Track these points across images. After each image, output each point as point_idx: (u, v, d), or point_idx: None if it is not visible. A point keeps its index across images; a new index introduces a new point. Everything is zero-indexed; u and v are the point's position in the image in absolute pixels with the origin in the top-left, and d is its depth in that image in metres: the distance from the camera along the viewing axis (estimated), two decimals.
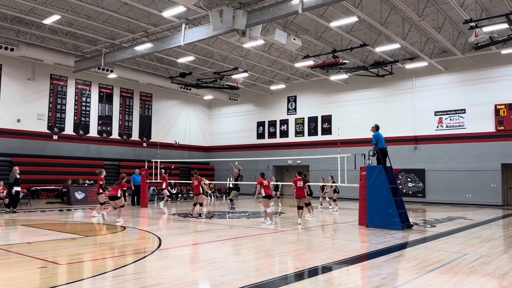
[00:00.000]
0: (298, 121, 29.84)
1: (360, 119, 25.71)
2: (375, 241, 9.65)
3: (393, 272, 6.56)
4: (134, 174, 20.16)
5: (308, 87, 28.84)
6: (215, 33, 16.27)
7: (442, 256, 7.78)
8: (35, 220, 13.33)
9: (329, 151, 24.24)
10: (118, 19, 18.55)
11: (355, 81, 26.23)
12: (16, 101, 23.67)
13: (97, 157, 26.81)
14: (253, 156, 28.17)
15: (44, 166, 23.78)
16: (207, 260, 7.48)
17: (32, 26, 19.59)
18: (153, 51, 19.80)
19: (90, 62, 22.58)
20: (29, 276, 6.11)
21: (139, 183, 19.54)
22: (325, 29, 19.19)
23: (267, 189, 12.62)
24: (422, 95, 24.36)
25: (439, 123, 23.76)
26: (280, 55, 23.36)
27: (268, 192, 12.60)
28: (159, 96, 31.18)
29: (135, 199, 19.55)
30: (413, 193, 24.20)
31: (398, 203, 11.92)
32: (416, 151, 24.45)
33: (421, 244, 9.40)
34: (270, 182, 13.32)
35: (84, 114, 26.76)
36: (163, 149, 27.99)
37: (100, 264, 7.09)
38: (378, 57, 22.52)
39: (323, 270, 6.75)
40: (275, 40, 16.96)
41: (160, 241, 9.25)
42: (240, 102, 32.88)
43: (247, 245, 9.20)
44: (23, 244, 8.73)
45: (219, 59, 24.16)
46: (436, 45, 21.77)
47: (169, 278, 5.94)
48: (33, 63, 24.03)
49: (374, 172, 12.10)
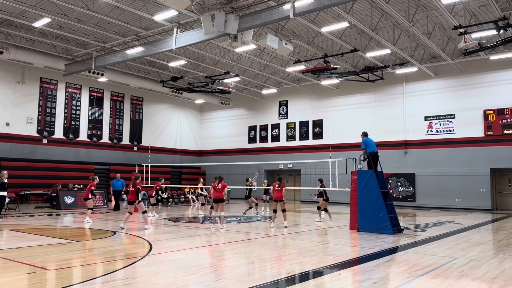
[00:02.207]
0: (290, 125, 29.91)
1: (351, 124, 25.83)
2: (366, 245, 9.67)
3: (384, 277, 6.57)
4: (115, 179, 19.73)
5: (299, 91, 28.94)
6: (207, 37, 16.26)
7: (432, 260, 7.82)
8: (24, 224, 13.16)
9: (321, 155, 24.33)
10: (109, 22, 18.47)
11: (346, 86, 26.38)
12: (5, 104, 23.41)
13: (87, 161, 26.58)
14: (244, 160, 28.14)
15: (33, 170, 23.50)
16: (198, 265, 7.43)
17: (22, 29, 19.43)
18: (144, 54, 19.74)
19: (80, 66, 22.44)
20: (17, 282, 6.01)
21: (119, 188, 19.21)
22: (316, 34, 19.30)
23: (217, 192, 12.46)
24: (412, 100, 24.57)
25: (429, 128, 23.96)
26: (272, 59, 23.42)
27: (216, 196, 12.46)
28: (150, 100, 31.05)
29: (117, 203, 19.07)
30: (404, 197, 24.33)
31: (388, 207, 11.97)
32: (406, 155, 24.62)
33: (412, 248, 9.44)
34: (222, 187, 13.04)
35: (74, 118, 26.54)
36: (153, 153, 27.87)
37: (89, 269, 7.01)
38: (368, 62, 22.70)
39: (315, 275, 6.74)
40: (267, 45, 17.00)
41: (150, 246, 9.17)
42: (231, 106, 32.88)
43: (238, 250, 9.17)
44: (11, 249, 8.60)
45: (211, 63, 24.15)
46: (426, 50, 22.00)
47: (159, 284, 5.89)
48: (22, 66, 23.80)
49: (365, 176, 12.15)
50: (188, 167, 32.21)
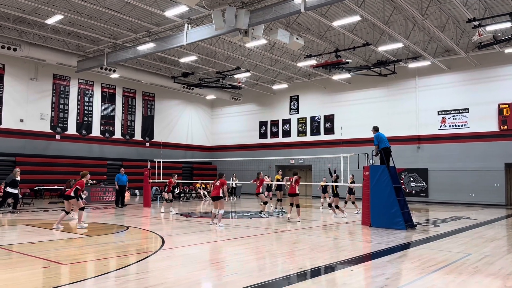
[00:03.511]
0: (301, 120, 29.81)
1: (363, 119, 25.65)
2: (378, 241, 9.61)
3: (397, 272, 6.53)
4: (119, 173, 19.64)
5: (310, 86, 28.80)
6: (218, 32, 16.26)
7: (446, 256, 7.74)
8: (38, 219, 13.35)
9: (332, 150, 24.20)
10: (120, 18, 18.57)
11: (358, 80, 26.17)
12: (19, 101, 23.73)
13: (99, 157, 26.85)
14: (255, 155, 28.18)
15: (47, 166, 23.84)
16: (210, 260, 7.46)
17: (35, 26, 19.63)
18: (156, 50, 19.81)
19: (92, 62, 22.62)
20: (32, 276, 6.10)
21: (124, 183, 19.05)
22: (327, 28, 19.16)
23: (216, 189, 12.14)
24: (425, 94, 24.29)
25: (442, 123, 23.68)
26: (283, 54, 23.33)
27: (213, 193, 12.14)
28: (162, 96, 31.20)
29: (119, 199, 19.05)
30: (416, 192, 24.13)
31: (401, 202, 11.88)
32: (419, 150, 24.38)
33: (425, 244, 9.35)
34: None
35: (87, 114, 26.80)
36: (165, 149, 28.02)
37: (103, 264, 7.08)
38: (381, 56, 22.47)
39: (326, 270, 6.72)
40: (278, 40, 16.93)
41: (163, 241, 9.24)
42: (242, 102, 32.87)
43: (250, 245, 9.18)
44: (26, 243, 8.73)
45: (222, 59, 24.15)
46: (439, 44, 21.70)
47: (172, 278, 5.92)
48: (35, 63, 24.08)
49: (377, 171, 12.06)
50: (199, 163, 32.36)
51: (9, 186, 15.36)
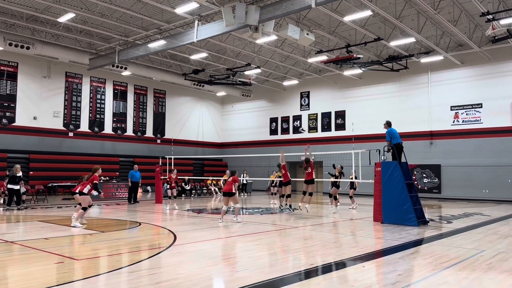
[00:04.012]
0: (311, 117, 29.71)
1: (374, 114, 25.47)
2: (390, 237, 9.55)
3: (409, 269, 6.48)
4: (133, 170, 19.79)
5: (321, 82, 28.67)
6: (228, 29, 16.25)
7: (459, 253, 7.67)
8: (52, 216, 13.53)
9: (343, 147, 24.08)
10: (131, 16, 18.66)
11: (369, 76, 25.98)
12: (32, 98, 24.04)
13: (112, 154, 27.10)
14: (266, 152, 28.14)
15: (60, 162, 24.13)
16: (221, 255, 7.49)
17: (47, 24, 19.83)
18: (166, 48, 19.88)
19: (104, 60, 22.79)
20: (46, 271, 6.19)
21: (137, 179, 19.18)
22: (338, 23, 19.02)
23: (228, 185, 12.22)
24: (438, 89, 24.02)
25: (455, 118, 23.41)
26: (293, 50, 23.24)
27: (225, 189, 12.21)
28: (173, 93, 31.34)
29: (131, 195, 19.19)
30: (429, 189, 23.91)
31: (413, 199, 11.78)
32: (431, 146, 24.14)
33: (437, 240, 9.27)
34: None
35: (99, 111, 27.04)
36: (176, 146, 28.17)
37: (116, 259, 7.15)
38: (392, 51, 22.24)
39: (338, 267, 6.70)
40: (288, 36, 16.87)
41: (175, 237, 9.30)
42: (253, 98, 32.86)
43: (261, 241, 9.20)
44: (41, 239, 8.86)
45: (232, 55, 24.15)
46: (452, 38, 21.42)
47: (184, 274, 5.96)
48: (48, 61, 24.35)
49: (389, 167, 11.97)
50: (210, 159, 32.47)
51: (10, 182, 15.53)
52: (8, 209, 15.29)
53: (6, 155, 22.12)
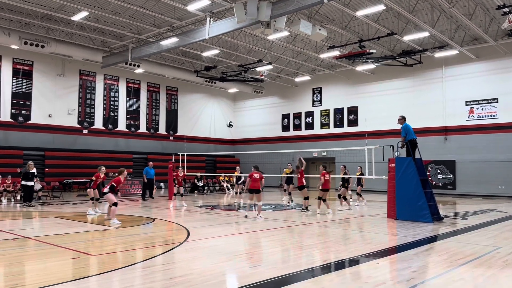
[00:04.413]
0: (324, 113, 29.56)
1: (388, 110, 25.23)
2: (404, 234, 9.48)
3: (424, 265, 6.43)
4: (147, 166, 19.97)
5: (333, 78, 28.49)
6: (240, 25, 16.22)
7: (474, 249, 7.58)
8: (67, 212, 13.74)
9: (356, 143, 23.94)
10: (144, 14, 18.76)
11: (383, 71, 25.73)
12: (47, 96, 24.36)
13: (125, 151, 27.36)
14: (278, 148, 28.12)
15: (75, 159, 24.44)
16: (234, 251, 7.52)
17: (61, 23, 20.05)
18: (179, 45, 19.95)
19: (117, 58, 22.97)
20: (63, 266, 6.29)
21: (152, 176, 19.43)
22: (351, 18, 18.86)
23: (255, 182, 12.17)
24: (453, 84, 23.68)
25: (470, 113, 23.06)
26: (305, 46, 23.12)
27: (253, 186, 12.17)
28: (185, 90, 31.47)
29: (145, 192, 19.35)
30: (443, 185, 23.64)
31: (428, 195, 11.67)
32: (446, 142, 23.85)
33: (452, 237, 9.17)
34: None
35: (113, 109, 27.30)
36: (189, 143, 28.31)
37: (130, 255, 7.23)
38: (406, 46, 21.97)
39: (351, 263, 6.68)
40: (300, 31, 16.77)
41: (188, 233, 9.36)
42: (264, 95, 32.82)
43: (274, 237, 9.21)
44: (57, 235, 9.00)
45: (244, 52, 24.13)
46: (467, 32, 21.08)
47: (197, 269, 6.00)
48: (62, 59, 24.64)
49: (403, 164, 11.87)
50: (223, 156, 32.55)
51: (23, 179, 15.79)
52: (25, 205, 15.57)
53: (22, 153, 22.48)
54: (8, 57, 22.81)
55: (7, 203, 16.85)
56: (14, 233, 9.21)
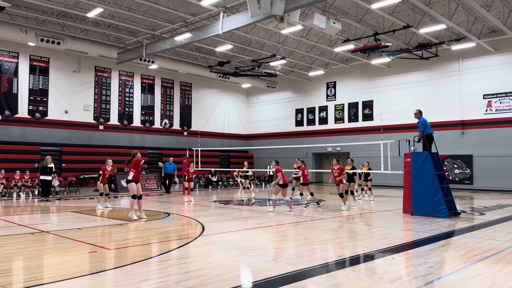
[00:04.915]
0: (338, 107, 29.35)
1: (403, 104, 24.94)
2: (421, 229, 9.38)
3: (440, 261, 6.35)
4: (167, 162, 20.28)
5: (348, 72, 28.24)
6: (253, 20, 16.16)
7: (492, 245, 7.45)
8: (84, 206, 13.94)
9: (371, 137, 23.71)
10: (158, 10, 18.83)
11: (398, 64, 25.41)
12: (64, 93, 24.69)
13: (141, 146, 27.56)
14: (291, 143, 28.05)
15: (91, 155, 24.74)
16: (249, 246, 7.54)
17: (77, 19, 20.26)
18: (192, 40, 19.99)
19: (132, 54, 23.14)
20: (80, 260, 6.39)
21: (170, 171, 19.80)
22: (366, 11, 18.63)
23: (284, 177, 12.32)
24: (470, 77, 23.27)
25: (488, 107, 22.65)
26: (319, 40, 22.95)
27: (285, 181, 12.26)
28: (199, 86, 31.56)
29: (166, 186, 19.66)
30: (460, 180, 23.31)
31: (444, 190, 11.51)
32: (463, 136, 23.48)
33: (469, 232, 9.04)
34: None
35: (128, 105, 27.54)
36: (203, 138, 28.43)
37: (146, 249, 7.30)
38: (422, 38, 21.64)
39: (367, 259, 6.63)
40: (314, 25, 16.64)
41: (203, 228, 9.41)
42: (278, 90, 32.72)
43: (288, 232, 9.20)
44: (74, 229, 9.14)
45: (257, 47, 24.06)
46: (484, 24, 20.66)
47: (212, 264, 6.03)
48: (78, 56, 24.92)
49: (419, 158, 11.72)
50: (236, 151, 32.61)
51: (42, 173, 16.03)
52: (43, 200, 15.84)
53: (40, 148, 22.86)
54: (25, 54, 23.16)
55: (26, 198, 17.18)
56: (32, 227, 9.39)
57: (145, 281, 5.21)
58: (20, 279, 5.40)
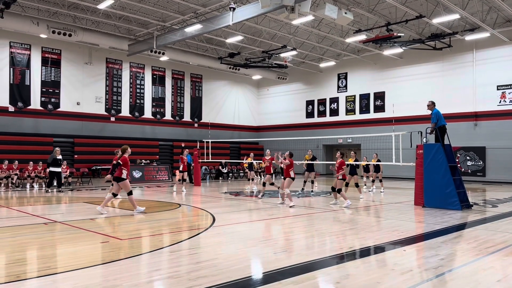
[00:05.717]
0: (349, 98, 29.14)
1: (415, 95, 24.68)
2: (432, 221, 9.31)
3: (452, 253, 6.30)
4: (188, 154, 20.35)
5: (359, 63, 27.98)
6: (264, 10, 16.05)
7: (505, 238, 7.38)
8: (97, 197, 14.10)
9: (382, 129, 23.54)
10: (168, 1, 18.82)
11: (411, 55, 25.09)
12: (75, 85, 24.88)
13: (152, 138, 27.78)
14: (302, 135, 27.97)
15: (103, 146, 24.96)
16: (259, 237, 7.56)
17: (88, 11, 20.33)
18: (203, 32, 19.95)
19: (143, 45, 23.19)
20: (93, 250, 6.47)
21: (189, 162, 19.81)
22: (378, 1, 18.39)
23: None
24: (484, 68, 22.89)
25: (502, 98, 22.29)
26: (330, 30, 22.74)
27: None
28: (209, 77, 31.56)
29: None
30: (473, 172, 23.06)
31: (457, 182, 11.40)
32: (476, 127, 23.17)
33: (482, 224, 8.96)
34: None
35: (139, 96, 27.67)
36: (213, 129, 28.48)
37: (158, 239, 7.37)
38: (435, 29, 21.32)
39: (377, 250, 6.61)
40: (325, 15, 16.48)
41: (213, 219, 9.47)
42: (288, 81, 32.57)
43: (298, 223, 9.21)
44: (87, 220, 9.26)
45: (268, 38, 23.93)
46: (499, 14, 20.25)
47: (223, 254, 6.07)
48: (89, 48, 25.05)
49: (431, 150, 11.61)
50: (247, 143, 32.63)
51: (51, 165, 16.16)
52: (48, 190, 16.02)
53: (52, 140, 23.12)
54: (37, 46, 23.35)
55: (39, 189, 17.42)
56: (45, 218, 9.53)
57: (157, 271, 5.26)
58: (34, 268, 5.50)
